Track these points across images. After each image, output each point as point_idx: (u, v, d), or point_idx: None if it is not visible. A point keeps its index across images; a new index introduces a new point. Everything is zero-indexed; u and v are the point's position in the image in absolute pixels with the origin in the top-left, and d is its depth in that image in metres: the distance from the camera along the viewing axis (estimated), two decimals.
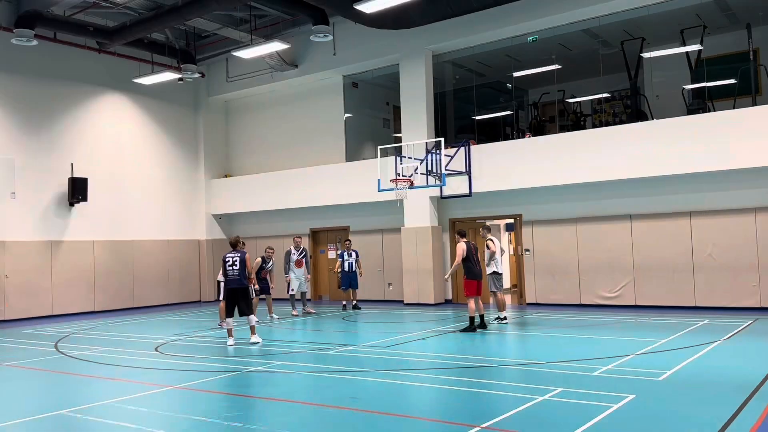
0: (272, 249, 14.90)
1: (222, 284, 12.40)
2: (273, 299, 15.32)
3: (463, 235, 12.02)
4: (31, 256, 16.80)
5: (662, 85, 17.19)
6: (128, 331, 13.82)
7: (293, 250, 15.49)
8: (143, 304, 19.31)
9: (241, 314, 11.12)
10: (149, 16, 16.19)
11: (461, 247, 11.66)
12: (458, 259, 11.66)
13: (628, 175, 14.16)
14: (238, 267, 11.06)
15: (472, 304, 11.64)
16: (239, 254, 11.18)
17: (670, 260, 14.29)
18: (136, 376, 8.64)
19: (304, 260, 15.56)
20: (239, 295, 11.10)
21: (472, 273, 11.65)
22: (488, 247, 12.55)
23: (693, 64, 15.86)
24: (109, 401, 7.14)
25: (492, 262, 12.52)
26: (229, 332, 11.13)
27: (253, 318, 11.18)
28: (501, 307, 12.76)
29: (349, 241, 16.83)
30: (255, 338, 11.11)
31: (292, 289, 15.46)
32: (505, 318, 12.72)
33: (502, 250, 13.15)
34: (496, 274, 12.58)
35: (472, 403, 6.69)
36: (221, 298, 12.67)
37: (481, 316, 11.85)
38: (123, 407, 6.85)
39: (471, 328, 11.55)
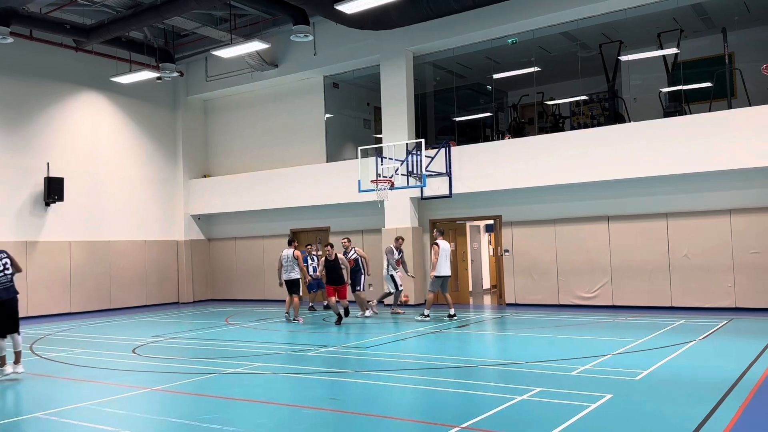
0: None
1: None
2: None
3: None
4: None
5: (640, 88, 17.39)
6: (105, 332, 13.66)
7: (395, 251, 15.03)
8: (120, 305, 19.10)
9: (8, 332, 8.65)
10: (127, 15, 16.01)
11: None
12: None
13: (605, 177, 14.31)
14: (10, 271, 8.74)
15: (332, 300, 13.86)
16: (5, 254, 8.83)
17: (647, 261, 14.46)
18: (113, 378, 8.54)
19: (401, 259, 15.29)
20: (9, 307, 8.67)
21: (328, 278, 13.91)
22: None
23: (670, 68, 16.07)
24: (86, 404, 7.05)
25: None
26: (2, 360, 8.62)
27: (20, 340, 8.71)
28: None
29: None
30: (18, 368, 8.69)
31: (401, 285, 15.16)
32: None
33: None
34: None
35: (451, 404, 6.70)
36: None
37: (346, 309, 13.89)
38: (100, 410, 6.76)
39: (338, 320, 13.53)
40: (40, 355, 10.55)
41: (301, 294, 14.56)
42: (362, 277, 15.01)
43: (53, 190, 17.33)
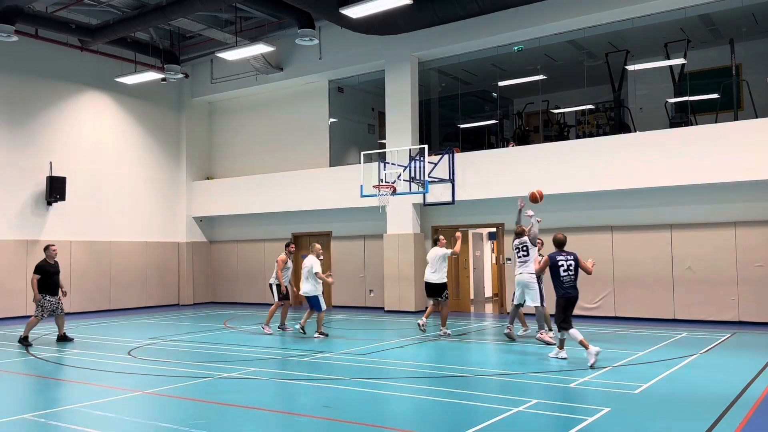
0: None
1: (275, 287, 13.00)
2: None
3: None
4: (7, 256, 16.50)
5: (646, 98, 17.28)
6: (103, 333, 13.59)
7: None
8: (120, 306, 19.04)
9: None
10: (133, 15, 16.01)
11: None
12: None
13: (609, 187, 14.19)
14: None
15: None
16: None
17: (649, 272, 14.31)
18: (106, 380, 8.45)
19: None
20: None
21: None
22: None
23: (676, 78, 15.96)
24: (76, 406, 6.97)
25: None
26: None
27: None
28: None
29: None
30: None
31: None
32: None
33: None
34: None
35: (446, 414, 6.59)
36: (276, 299, 13.01)
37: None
38: (90, 412, 6.68)
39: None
40: (35, 356, 10.48)
41: (276, 301, 13.11)
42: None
43: (55, 189, 17.30)
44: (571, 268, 9.20)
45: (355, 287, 18.29)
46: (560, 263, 9.12)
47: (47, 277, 11.82)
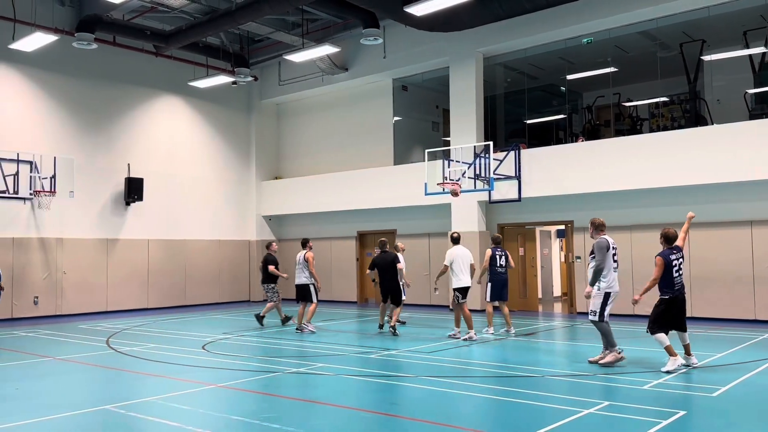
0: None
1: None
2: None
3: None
4: (88, 253, 17.34)
5: (723, 89, 16.52)
6: (178, 328, 14.10)
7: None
8: (195, 302, 19.70)
9: None
10: (204, 20, 16.50)
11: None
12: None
13: (685, 182, 13.65)
14: None
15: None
16: None
17: (729, 271, 13.71)
18: (181, 373, 8.77)
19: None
20: None
21: None
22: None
23: (756, 68, 15.20)
24: (153, 398, 7.26)
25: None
26: None
27: None
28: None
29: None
30: None
31: None
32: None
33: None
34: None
35: (513, 414, 6.52)
36: (316, 300, 12.85)
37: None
38: (166, 404, 6.95)
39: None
40: (116, 349, 10.98)
41: (315, 301, 12.86)
42: None
43: (133, 190, 18.07)
44: (682, 266, 8.63)
45: (419, 285, 18.28)
46: (674, 263, 8.53)
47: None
